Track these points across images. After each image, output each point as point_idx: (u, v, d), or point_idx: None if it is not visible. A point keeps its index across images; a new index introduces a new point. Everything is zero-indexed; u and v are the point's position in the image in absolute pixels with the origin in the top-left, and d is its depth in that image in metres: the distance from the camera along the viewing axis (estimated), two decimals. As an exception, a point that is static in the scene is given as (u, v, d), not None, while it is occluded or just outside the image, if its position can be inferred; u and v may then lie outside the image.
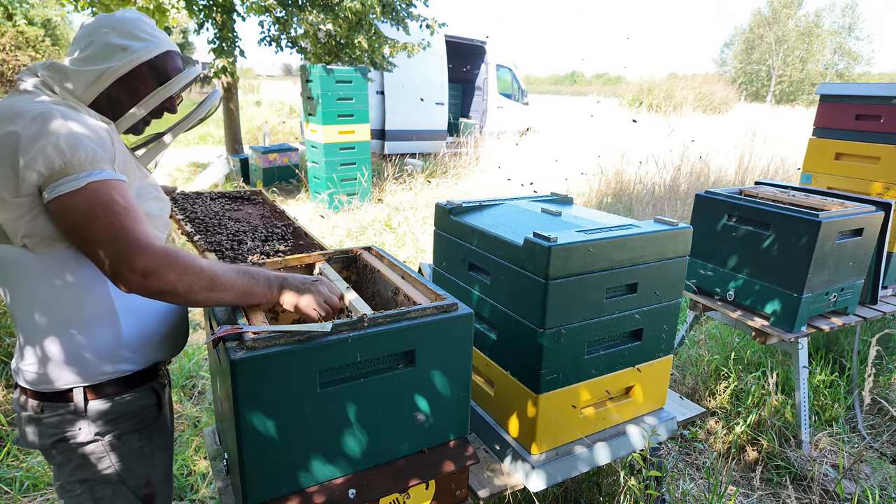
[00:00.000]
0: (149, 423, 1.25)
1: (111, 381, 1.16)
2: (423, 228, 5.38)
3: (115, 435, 1.18)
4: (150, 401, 1.24)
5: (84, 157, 1.00)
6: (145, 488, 1.24)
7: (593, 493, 2.05)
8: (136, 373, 1.20)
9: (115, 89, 1.18)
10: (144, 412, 1.23)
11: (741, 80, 39.25)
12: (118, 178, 1.04)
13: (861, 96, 2.76)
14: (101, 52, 1.16)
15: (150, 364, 1.23)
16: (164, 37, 1.25)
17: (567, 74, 66.93)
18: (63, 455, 1.16)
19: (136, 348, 1.18)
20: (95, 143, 1.03)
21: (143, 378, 1.22)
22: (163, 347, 1.25)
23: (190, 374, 3.02)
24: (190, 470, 2.35)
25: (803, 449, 2.50)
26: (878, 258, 2.54)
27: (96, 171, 1.00)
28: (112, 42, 1.16)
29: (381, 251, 1.57)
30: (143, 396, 1.22)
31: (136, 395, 1.21)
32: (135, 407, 1.20)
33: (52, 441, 1.15)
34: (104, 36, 1.17)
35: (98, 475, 1.18)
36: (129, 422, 1.20)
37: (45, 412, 1.14)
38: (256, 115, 15.93)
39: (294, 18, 7.17)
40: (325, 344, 1.04)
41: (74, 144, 1.00)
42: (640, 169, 7.05)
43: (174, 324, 1.29)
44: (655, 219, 1.60)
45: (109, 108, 1.19)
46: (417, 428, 1.22)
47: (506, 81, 11.90)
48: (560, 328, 1.42)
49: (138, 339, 1.18)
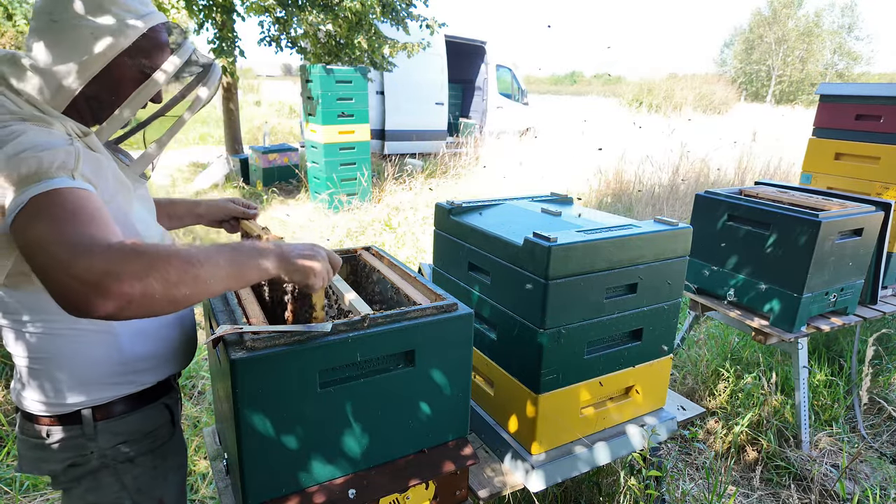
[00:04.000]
0: (163, 441, 1.17)
1: (120, 400, 1.08)
2: (423, 228, 5.38)
3: (127, 457, 1.10)
4: (164, 418, 1.16)
5: (26, 172, 0.81)
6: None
7: (593, 493, 2.05)
8: (147, 389, 1.12)
9: (91, 87, 0.97)
10: (158, 431, 1.15)
11: (741, 80, 39.26)
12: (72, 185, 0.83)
13: (861, 96, 2.76)
14: (67, 40, 0.92)
15: (160, 380, 1.14)
16: (144, 6, 1.00)
17: (567, 74, 66.87)
18: (72, 481, 1.08)
19: (142, 368, 1.09)
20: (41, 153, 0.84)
21: (156, 394, 1.14)
22: (173, 360, 1.17)
23: (190, 374, 3.02)
24: (190, 470, 2.35)
25: (803, 449, 2.50)
26: (878, 258, 2.54)
27: (38, 184, 0.81)
28: (78, 25, 0.92)
29: (380, 251, 1.57)
30: (156, 414, 1.14)
31: (148, 412, 1.12)
32: (147, 426, 1.12)
33: (65, 466, 1.06)
34: (67, 14, 0.92)
35: (108, 499, 1.09)
36: (142, 441, 1.12)
37: (51, 436, 1.04)
38: (256, 115, 15.92)
39: (294, 18, 7.16)
40: (325, 344, 1.04)
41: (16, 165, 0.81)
42: (640, 169, 7.05)
43: (184, 332, 1.19)
44: (655, 219, 1.60)
45: (89, 109, 1.00)
46: (417, 428, 1.22)
47: (506, 81, 11.88)
48: (560, 328, 1.42)
49: (142, 357, 1.09)
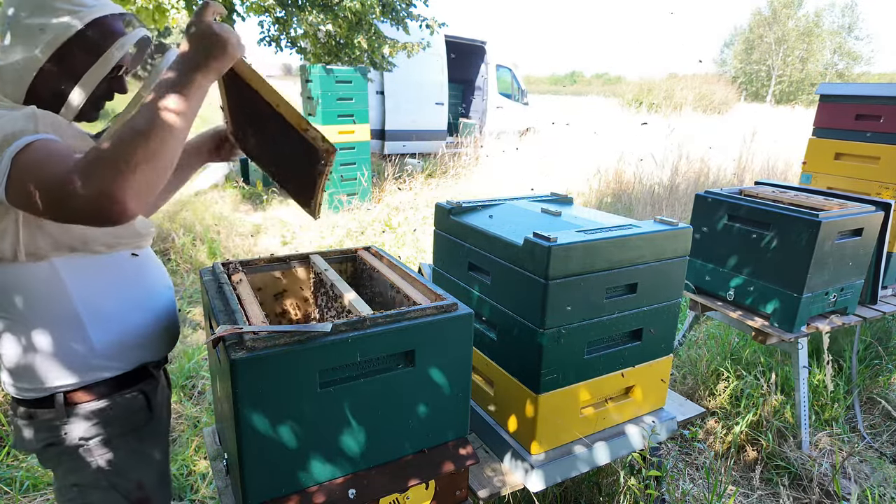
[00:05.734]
0: (140, 425, 1.21)
1: (94, 384, 1.13)
2: (424, 228, 5.38)
3: (101, 439, 1.15)
4: (139, 403, 1.20)
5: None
6: (137, 492, 1.20)
7: (593, 493, 2.05)
8: (121, 375, 1.16)
9: (49, 78, 1.04)
10: (134, 415, 1.19)
11: (741, 80, 39.26)
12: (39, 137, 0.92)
13: (861, 96, 2.76)
14: (20, 37, 1.01)
15: (134, 366, 1.18)
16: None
17: (567, 74, 66.91)
18: (54, 459, 1.14)
19: (112, 355, 1.14)
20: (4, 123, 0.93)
21: (130, 380, 1.18)
22: (148, 348, 1.21)
23: (190, 374, 3.02)
24: (190, 470, 2.35)
25: (803, 449, 2.50)
26: (878, 258, 2.54)
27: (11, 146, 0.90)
28: (27, 23, 1.00)
29: (380, 251, 1.57)
30: (131, 399, 1.18)
31: (123, 397, 1.17)
32: (122, 410, 1.17)
33: (43, 445, 1.13)
34: (15, 15, 1.00)
35: (87, 479, 1.15)
36: (116, 425, 1.16)
37: (34, 418, 1.12)
38: (256, 115, 15.88)
39: (294, 18, 7.16)
40: (325, 344, 1.04)
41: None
42: (640, 169, 7.06)
43: (156, 318, 1.23)
44: (655, 219, 1.60)
45: (53, 99, 1.06)
46: (417, 428, 1.22)
47: (506, 81, 11.88)
48: (560, 328, 1.42)
49: (112, 344, 1.14)
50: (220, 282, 1.32)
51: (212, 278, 1.37)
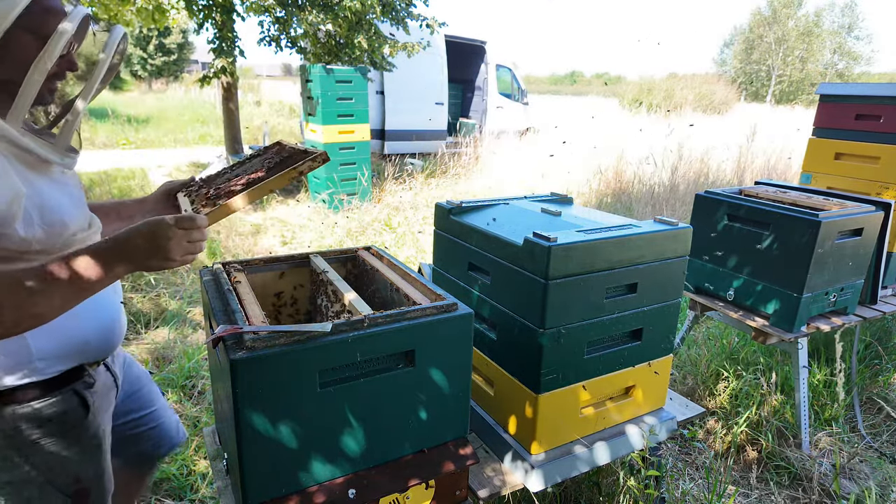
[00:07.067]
0: (75, 424, 1.19)
1: (24, 387, 1.11)
2: (423, 228, 5.38)
3: (32, 439, 1.13)
4: (72, 403, 1.18)
5: None
6: (74, 485, 1.21)
7: (593, 492, 2.05)
8: (54, 377, 1.15)
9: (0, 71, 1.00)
10: (67, 415, 1.17)
11: (741, 80, 39.26)
12: None
13: (861, 96, 2.76)
14: None
15: (70, 368, 1.17)
16: None
17: (567, 74, 66.92)
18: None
19: (51, 359, 1.12)
20: None
21: (63, 381, 1.17)
22: (88, 351, 1.20)
23: (190, 374, 3.02)
24: (190, 470, 2.35)
25: (803, 448, 2.50)
26: (878, 258, 2.54)
27: None
28: None
29: (380, 251, 1.57)
30: (63, 400, 1.17)
31: (55, 398, 1.15)
32: (53, 411, 1.15)
33: None
34: None
35: (20, 477, 1.15)
36: (48, 426, 1.15)
37: None
38: (256, 114, 15.92)
39: (294, 18, 7.16)
40: (324, 344, 1.05)
41: None
42: (640, 169, 7.06)
43: (99, 324, 1.21)
44: (655, 219, 1.60)
45: (6, 90, 1.01)
46: (417, 428, 1.22)
47: (506, 81, 11.88)
48: (560, 328, 1.42)
49: (50, 350, 1.12)
50: (219, 282, 1.32)
51: (211, 278, 1.37)
